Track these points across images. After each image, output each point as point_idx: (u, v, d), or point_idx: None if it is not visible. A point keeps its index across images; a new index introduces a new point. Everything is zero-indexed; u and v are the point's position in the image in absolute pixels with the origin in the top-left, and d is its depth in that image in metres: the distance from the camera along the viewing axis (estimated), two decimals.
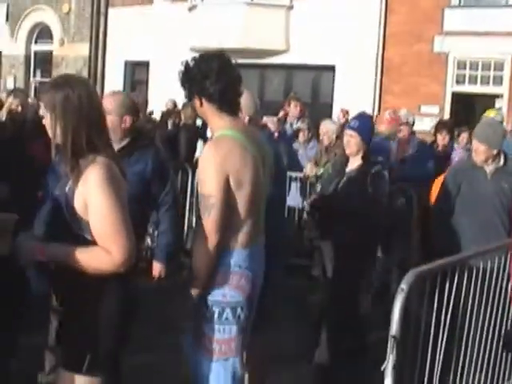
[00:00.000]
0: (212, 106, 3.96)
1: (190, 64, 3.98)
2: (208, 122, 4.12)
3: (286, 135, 10.28)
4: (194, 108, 4.12)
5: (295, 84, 17.14)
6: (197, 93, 3.96)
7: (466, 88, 15.74)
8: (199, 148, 10.98)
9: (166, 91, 13.12)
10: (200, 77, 3.90)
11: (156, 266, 5.38)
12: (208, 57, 3.97)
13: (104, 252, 3.25)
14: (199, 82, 3.91)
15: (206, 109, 3.99)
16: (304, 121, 10.43)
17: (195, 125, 11.34)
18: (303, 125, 10.26)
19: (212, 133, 4.10)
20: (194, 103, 4.04)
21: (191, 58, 3.99)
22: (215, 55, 3.98)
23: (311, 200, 6.70)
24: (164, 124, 11.34)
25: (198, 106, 4.02)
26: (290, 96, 12.00)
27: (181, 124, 11.23)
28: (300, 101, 11.57)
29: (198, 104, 4.00)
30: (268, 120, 10.18)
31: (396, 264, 8.86)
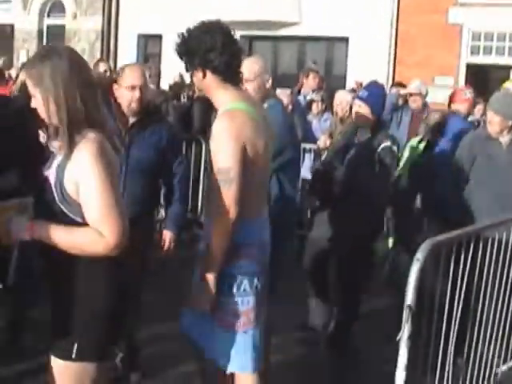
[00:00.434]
0: (217, 78, 3.95)
1: (189, 35, 3.96)
2: (211, 95, 4.08)
3: (300, 107, 10.23)
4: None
5: (308, 56, 17.06)
6: (200, 65, 3.94)
7: (481, 59, 15.64)
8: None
9: (179, 64, 13.07)
10: (204, 49, 3.88)
11: (166, 235, 5.38)
12: (209, 28, 3.93)
13: (96, 234, 3.04)
14: (203, 54, 3.89)
15: (210, 81, 3.98)
16: (318, 92, 10.37)
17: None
18: (317, 96, 10.20)
19: (216, 105, 4.07)
20: (195, 75, 4.01)
21: (186, 30, 3.97)
22: (217, 27, 3.96)
23: (314, 169, 6.59)
24: (176, 96, 11.30)
25: (200, 78, 4.00)
26: (308, 68, 11.89)
27: (194, 96, 11.21)
28: (319, 73, 11.54)
29: (201, 76, 3.98)
30: (281, 92, 10.14)
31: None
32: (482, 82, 15.28)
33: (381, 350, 5.74)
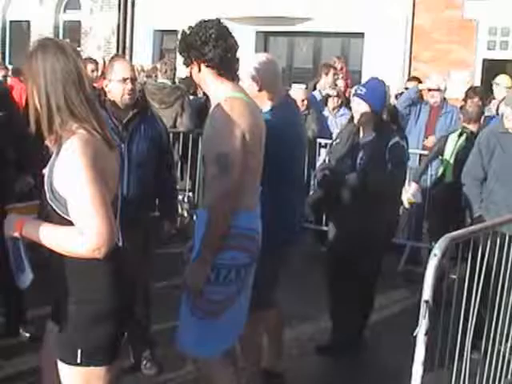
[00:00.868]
0: (211, 71, 4.04)
1: (188, 32, 4.06)
2: (206, 88, 4.21)
3: (316, 102, 10.23)
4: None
5: (324, 51, 17.03)
6: (195, 58, 4.04)
7: (497, 54, 15.54)
8: None
9: None
10: (199, 43, 3.98)
11: (166, 224, 5.59)
12: (205, 24, 4.03)
13: (78, 235, 2.96)
14: (198, 48, 3.99)
15: (205, 74, 4.07)
16: (334, 88, 10.36)
17: None
18: (333, 91, 10.20)
19: (212, 98, 4.14)
20: (192, 69, 4.11)
21: (188, 27, 4.08)
22: (213, 22, 4.05)
23: (321, 174, 6.15)
24: (193, 92, 11.30)
25: (196, 72, 4.09)
26: (328, 64, 11.83)
27: None
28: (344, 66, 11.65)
29: (197, 70, 4.08)
30: (295, 88, 10.15)
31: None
32: None
33: (396, 344, 5.74)
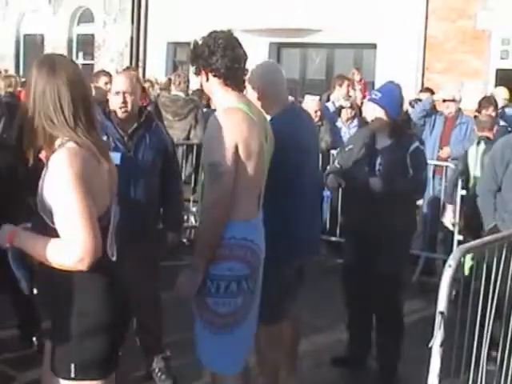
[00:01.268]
0: (218, 81, 4.08)
1: (199, 42, 4.11)
2: (213, 97, 4.29)
3: (329, 113, 10.24)
4: None
5: (337, 62, 17.06)
6: (203, 67, 4.09)
7: (510, 64, 15.51)
8: None
9: None
10: (207, 52, 4.03)
11: (170, 235, 5.58)
12: (215, 34, 4.08)
13: (62, 246, 2.98)
14: (206, 58, 4.03)
15: (212, 83, 4.11)
16: (347, 99, 10.37)
17: None
18: (346, 103, 10.20)
19: (217, 106, 4.24)
20: (201, 79, 4.16)
21: (200, 37, 4.12)
22: (223, 33, 4.10)
23: (334, 178, 5.84)
24: (206, 104, 11.32)
25: (204, 81, 4.15)
26: (342, 75, 11.84)
27: None
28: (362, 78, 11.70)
29: (205, 79, 4.13)
30: (308, 99, 10.16)
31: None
32: None
33: (412, 356, 5.73)
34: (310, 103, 9.55)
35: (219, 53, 3.99)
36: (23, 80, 11.27)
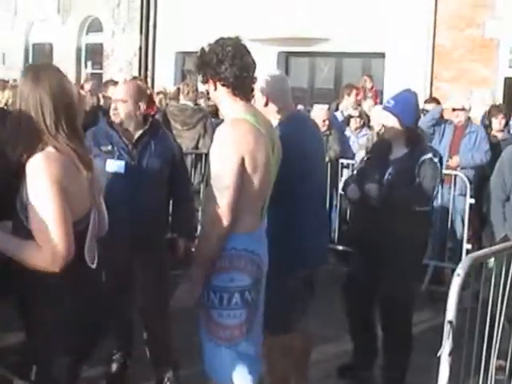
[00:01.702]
0: (226, 90, 4.04)
1: (206, 49, 4.08)
2: (220, 106, 4.23)
3: (337, 122, 10.26)
4: None
5: (345, 72, 17.05)
6: (211, 76, 4.05)
7: None
8: None
9: None
10: (215, 61, 3.99)
11: (181, 243, 5.56)
12: (223, 42, 4.04)
13: (37, 248, 3.06)
14: (214, 66, 4.00)
15: (220, 92, 4.07)
16: (356, 108, 10.39)
17: None
18: (355, 112, 10.22)
19: (224, 116, 4.19)
20: (209, 87, 4.14)
21: (207, 44, 4.10)
22: (231, 40, 4.06)
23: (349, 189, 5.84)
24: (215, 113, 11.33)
25: (212, 90, 4.11)
26: (350, 84, 11.85)
27: None
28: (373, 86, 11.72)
29: (213, 88, 4.09)
30: (317, 108, 10.18)
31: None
32: None
33: (420, 365, 5.71)
34: (319, 112, 9.58)
35: (228, 61, 3.96)
36: None
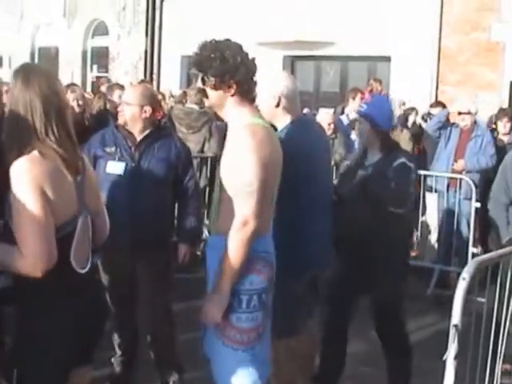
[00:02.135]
0: (235, 94, 3.98)
1: (206, 51, 4.02)
2: (225, 110, 4.08)
3: (343, 126, 10.25)
4: None
5: (351, 75, 17.05)
6: (222, 81, 3.96)
7: None
8: None
9: None
10: (230, 64, 3.93)
11: (182, 248, 5.54)
12: (226, 46, 4.01)
13: (20, 254, 3.04)
14: (229, 70, 3.93)
15: (227, 97, 4.00)
16: None
17: None
18: None
19: (233, 121, 4.06)
20: (210, 91, 4.03)
21: (202, 45, 4.08)
22: (233, 44, 4.05)
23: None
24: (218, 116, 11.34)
25: (215, 94, 4.02)
26: (356, 88, 11.83)
27: None
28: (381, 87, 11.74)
29: (215, 92, 4.01)
30: (322, 112, 10.18)
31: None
32: None
33: (426, 369, 5.71)
34: (324, 116, 9.57)
35: (242, 67, 3.93)
36: None
